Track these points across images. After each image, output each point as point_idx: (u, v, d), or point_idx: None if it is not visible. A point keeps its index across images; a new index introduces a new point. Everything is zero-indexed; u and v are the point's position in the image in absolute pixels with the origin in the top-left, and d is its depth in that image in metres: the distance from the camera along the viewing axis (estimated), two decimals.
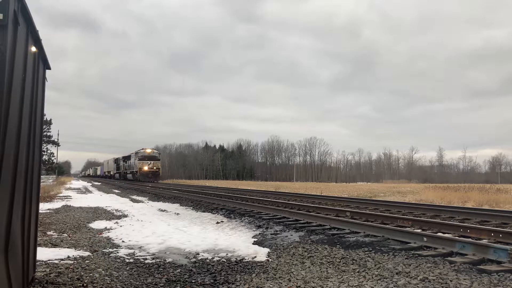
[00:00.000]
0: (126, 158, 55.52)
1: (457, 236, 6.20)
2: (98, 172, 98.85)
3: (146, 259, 5.40)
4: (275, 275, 4.52)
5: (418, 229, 7.18)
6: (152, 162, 47.78)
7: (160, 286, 4.15)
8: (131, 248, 6.13)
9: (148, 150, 48.64)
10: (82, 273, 4.40)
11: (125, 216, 10.77)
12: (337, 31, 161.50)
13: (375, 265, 4.67)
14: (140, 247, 6.23)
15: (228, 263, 5.19)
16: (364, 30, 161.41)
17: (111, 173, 68.41)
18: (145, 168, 46.96)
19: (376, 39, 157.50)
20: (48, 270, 4.49)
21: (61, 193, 23.01)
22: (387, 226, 7.26)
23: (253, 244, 6.56)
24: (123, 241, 6.72)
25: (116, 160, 64.35)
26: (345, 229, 7.22)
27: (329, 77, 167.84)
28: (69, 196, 20.24)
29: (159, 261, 5.26)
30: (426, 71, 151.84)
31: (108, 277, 4.35)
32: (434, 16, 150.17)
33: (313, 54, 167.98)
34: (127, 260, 5.28)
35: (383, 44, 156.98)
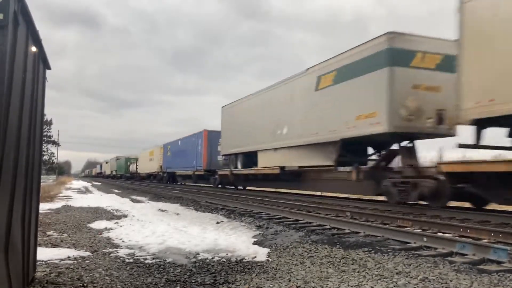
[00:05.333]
0: None
1: (457, 236, 6.20)
2: (140, 167, 50.02)
3: (146, 259, 5.40)
4: (275, 275, 4.52)
5: (418, 229, 7.18)
6: None
7: (160, 286, 4.15)
8: (131, 248, 6.13)
9: None
10: (82, 273, 4.40)
11: (125, 216, 10.77)
12: (343, 27, 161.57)
13: (375, 265, 4.68)
14: (140, 247, 6.23)
15: (228, 263, 5.19)
16: (371, 26, 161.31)
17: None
18: None
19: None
20: (48, 270, 4.49)
21: (61, 193, 23.01)
22: (387, 226, 7.26)
23: (253, 244, 6.56)
24: (123, 241, 6.72)
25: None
26: (345, 229, 7.23)
27: None
28: (70, 196, 20.25)
29: (159, 261, 5.25)
30: None
31: (108, 277, 4.35)
32: (443, 12, 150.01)
33: (318, 50, 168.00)
34: (127, 260, 5.28)
35: None
